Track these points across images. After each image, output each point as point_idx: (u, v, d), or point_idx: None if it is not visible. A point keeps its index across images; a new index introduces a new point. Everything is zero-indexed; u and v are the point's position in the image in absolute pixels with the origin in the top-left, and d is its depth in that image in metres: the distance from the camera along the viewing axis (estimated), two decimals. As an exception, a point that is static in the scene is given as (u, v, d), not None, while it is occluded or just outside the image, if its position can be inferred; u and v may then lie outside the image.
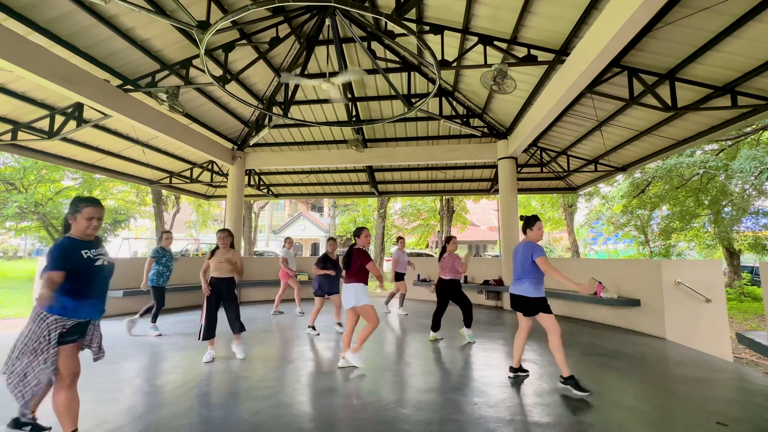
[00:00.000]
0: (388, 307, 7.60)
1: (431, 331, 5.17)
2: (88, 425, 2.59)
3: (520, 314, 3.56)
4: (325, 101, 8.40)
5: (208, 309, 4.10)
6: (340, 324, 5.74)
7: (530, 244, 3.43)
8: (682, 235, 14.31)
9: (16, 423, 2.33)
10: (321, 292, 5.55)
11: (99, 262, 2.29)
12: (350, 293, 3.87)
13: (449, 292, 5.04)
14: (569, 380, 3.25)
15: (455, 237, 5.41)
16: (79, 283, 2.19)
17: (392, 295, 7.64)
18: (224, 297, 4.19)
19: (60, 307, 2.14)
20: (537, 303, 3.39)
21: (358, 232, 4.06)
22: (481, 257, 20.98)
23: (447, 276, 5.04)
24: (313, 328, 5.50)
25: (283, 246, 7.55)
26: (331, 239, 5.96)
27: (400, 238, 7.72)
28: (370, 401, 3.07)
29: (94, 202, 2.32)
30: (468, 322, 5.06)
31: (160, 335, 5.34)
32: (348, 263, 3.96)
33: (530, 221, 3.54)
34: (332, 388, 3.38)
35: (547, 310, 3.39)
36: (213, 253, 4.22)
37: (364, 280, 3.93)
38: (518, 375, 3.67)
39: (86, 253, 2.25)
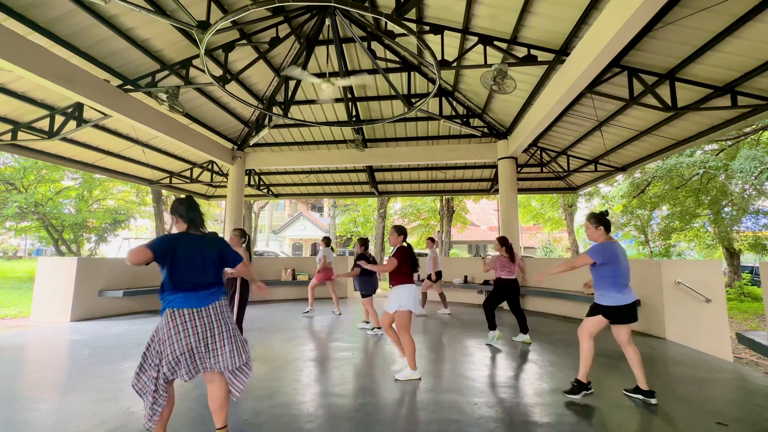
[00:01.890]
0: (447, 310, 7.27)
1: (490, 331, 4.92)
2: (88, 425, 2.59)
3: (618, 327, 3.17)
4: (325, 101, 8.41)
5: (245, 309, 4.29)
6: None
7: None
8: (682, 235, 14.31)
9: None
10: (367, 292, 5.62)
11: None
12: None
13: (509, 292, 4.98)
14: (647, 393, 3.03)
15: (505, 237, 5.22)
16: None
17: (443, 297, 7.38)
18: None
19: None
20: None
21: (403, 232, 3.84)
22: (482, 257, 20.96)
23: (506, 276, 4.99)
24: (379, 328, 5.44)
25: (321, 246, 7.35)
26: (365, 239, 5.80)
27: (431, 238, 7.43)
28: (370, 401, 3.06)
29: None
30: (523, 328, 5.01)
31: None
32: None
33: None
34: (332, 388, 3.38)
35: None
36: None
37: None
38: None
39: None
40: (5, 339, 5.16)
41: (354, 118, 8.61)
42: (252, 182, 11.60)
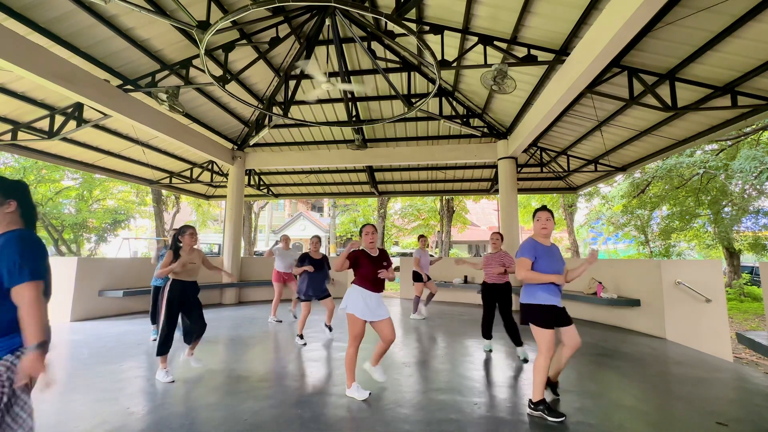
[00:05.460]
0: (425, 310, 6.81)
1: (485, 340, 4.67)
2: (88, 425, 2.59)
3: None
4: (325, 101, 8.41)
5: (172, 317, 3.52)
6: (330, 328, 5.39)
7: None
8: (682, 235, 14.30)
9: None
10: (307, 296, 5.00)
11: None
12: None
13: (496, 296, 4.62)
14: (540, 405, 2.76)
15: (499, 233, 4.90)
16: None
17: (431, 296, 6.90)
18: (191, 302, 3.69)
19: None
20: (522, 310, 2.93)
21: (360, 231, 3.59)
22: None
23: (490, 280, 4.66)
24: (301, 336, 4.97)
25: (277, 244, 6.74)
26: (314, 237, 5.36)
27: (422, 236, 6.88)
28: (370, 401, 3.06)
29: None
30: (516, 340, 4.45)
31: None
32: None
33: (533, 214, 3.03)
34: (332, 388, 3.38)
35: (537, 323, 2.79)
36: (176, 253, 3.64)
37: (359, 283, 3.20)
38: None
39: None
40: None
41: (354, 118, 8.61)
42: (252, 182, 11.60)
